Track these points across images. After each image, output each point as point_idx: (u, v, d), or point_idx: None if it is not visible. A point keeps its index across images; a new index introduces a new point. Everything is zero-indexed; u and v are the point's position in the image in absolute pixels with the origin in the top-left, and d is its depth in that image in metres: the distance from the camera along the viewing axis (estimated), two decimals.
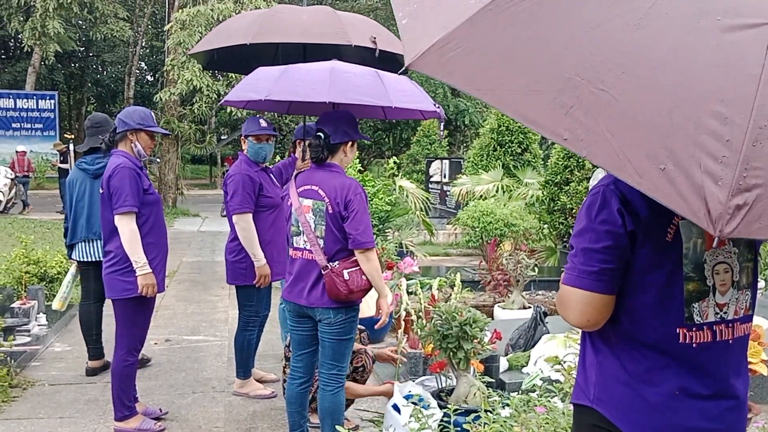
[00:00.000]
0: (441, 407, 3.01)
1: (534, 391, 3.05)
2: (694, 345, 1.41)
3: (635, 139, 1.12)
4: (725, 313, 1.44)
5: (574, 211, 8.01)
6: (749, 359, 1.98)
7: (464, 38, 1.14)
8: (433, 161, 15.60)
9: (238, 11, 13.01)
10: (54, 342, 5.25)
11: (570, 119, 1.12)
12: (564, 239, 8.51)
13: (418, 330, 3.80)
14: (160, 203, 3.60)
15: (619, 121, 1.13)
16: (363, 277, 2.86)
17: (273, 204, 3.92)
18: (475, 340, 3.17)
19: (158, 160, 15.41)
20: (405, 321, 4.35)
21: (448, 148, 19.07)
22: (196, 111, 15.51)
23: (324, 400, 2.96)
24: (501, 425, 2.58)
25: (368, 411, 3.72)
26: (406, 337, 4.29)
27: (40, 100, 21.25)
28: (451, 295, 4.37)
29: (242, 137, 4.02)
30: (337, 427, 2.75)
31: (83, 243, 4.34)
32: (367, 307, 3.25)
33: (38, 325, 5.23)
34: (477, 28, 1.14)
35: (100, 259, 3.85)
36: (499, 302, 5.95)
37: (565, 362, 3.14)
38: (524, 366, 3.98)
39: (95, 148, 4.30)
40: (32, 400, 4.05)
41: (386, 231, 7.95)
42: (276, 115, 16.12)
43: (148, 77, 33.53)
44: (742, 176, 1.07)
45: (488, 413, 2.70)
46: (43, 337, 5.12)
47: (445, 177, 14.57)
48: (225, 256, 4.01)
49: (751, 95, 1.12)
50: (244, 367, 4.12)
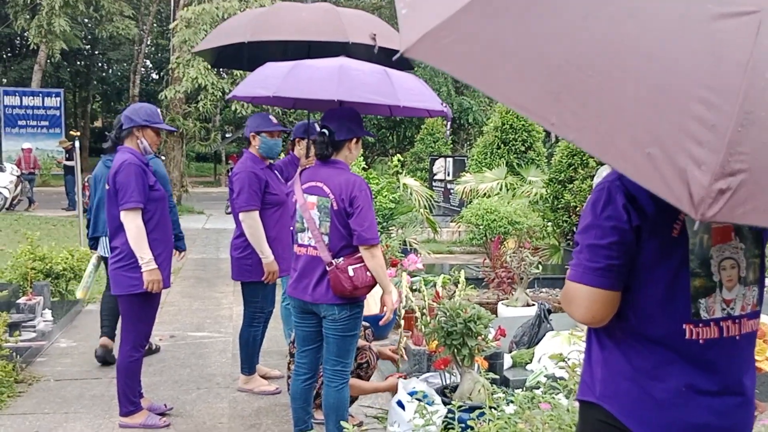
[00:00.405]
0: (445, 404, 3.02)
1: (538, 387, 3.05)
2: (700, 341, 1.41)
3: (621, 124, 1.12)
4: (732, 309, 1.43)
5: (577, 208, 7.99)
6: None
7: (458, 26, 1.15)
8: (437, 159, 15.58)
9: (243, 9, 13.01)
10: (59, 338, 5.27)
11: (559, 104, 1.12)
12: (568, 237, 8.50)
13: (423, 327, 3.79)
14: (165, 200, 3.60)
15: (606, 106, 1.13)
16: (367, 273, 2.86)
17: (279, 201, 3.93)
18: (480, 337, 3.17)
19: (163, 157, 15.43)
20: (404, 318, 4.35)
21: (452, 145, 19.06)
22: (200, 109, 15.51)
23: (328, 396, 2.97)
24: (505, 422, 2.58)
25: (372, 407, 3.73)
26: (410, 333, 4.29)
27: (45, 98, 21.30)
28: (455, 292, 4.36)
29: (252, 134, 3.97)
30: (341, 423, 2.75)
31: (106, 238, 4.37)
32: (374, 303, 3.25)
33: (44, 321, 5.25)
34: (470, 16, 1.15)
35: None
36: (502, 300, 5.95)
37: (569, 359, 3.14)
38: (528, 363, 3.98)
39: None
40: (37, 395, 4.07)
41: (390, 228, 7.95)
42: (280, 111, 16.14)
43: (154, 75, 33.57)
44: (727, 161, 1.07)
45: (492, 410, 2.70)
46: (49, 333, 5.14)
47: (448, 175, 14.55)
48: (230, 252, 4.02)
49: (739, 82, 1.12)
50: (249, 363, 4.13)
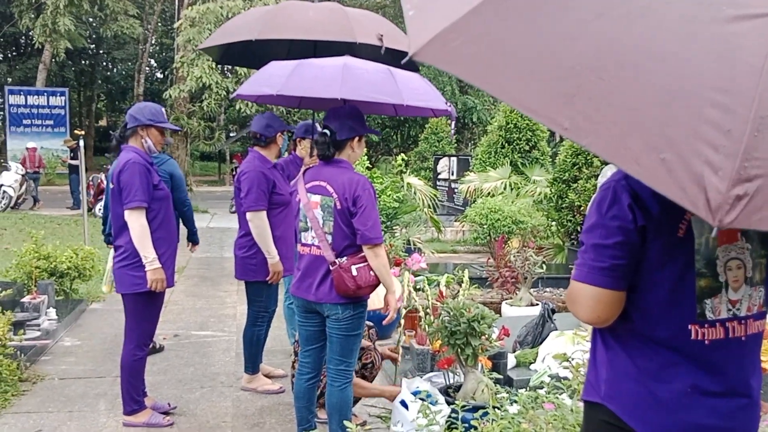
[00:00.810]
0: (449, 403, 3.01)
1: (542, 387, 3.05)
2: (706, 342, 1.40)
3: (635, 128, 1.11)
4: (738, 309, 1.42)
5: (582, 208, 7.97)
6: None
7: (467, 28, 1.13)
8: (441, 158, 15.57)
9: (247, 8, 13.03)
10: (63, 337, 5.28)
11: (571, 108, 1.11)
12: (572, 236, 8.47)
13: (426, 326, 3.79)
14: (169, 198, 3.61)
15: (619, 110, 1.12)
16: (371, 272, 2.86)
17: (284, 201, 3.94)
18: (483, 337, 3.16)
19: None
20: (408, 318, 4.35)
21: (456, 145, 19.02)
22: (205, 108, 15.55)
23: (332, 395, 2.96)
24: (509, 422, 2.57)
25: (376, 406, 3.72)
26: (414, 333, 4.29)
27: (50, 97, 21.34)
28: (458, 291, 4.35)
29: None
30: (344, 422, 2.75)
31: None
32: (377, 298, 3.24)
33: (48, 320, 5.26)
34: (480, 18, 1.14)
35: None
36: (506, 299, 5.94)
37: (573, 359, 3.13)
38: (532, 363, 3.97)
39: None
40: (42, 393, 4.08)
41: (394, 227, 7.95)
42: (285, 110, 16.15)
43: (158, 74, 33.65)
44: (743, 166, 1.06)
45: (496, 410, 2.70)
46: (53, 332, 5.15)
47: (453, 174, 14.54)
48: (234, 251, 4.02)
49: (753, 86, 1.10)
50: (253, 362, 4.14)
